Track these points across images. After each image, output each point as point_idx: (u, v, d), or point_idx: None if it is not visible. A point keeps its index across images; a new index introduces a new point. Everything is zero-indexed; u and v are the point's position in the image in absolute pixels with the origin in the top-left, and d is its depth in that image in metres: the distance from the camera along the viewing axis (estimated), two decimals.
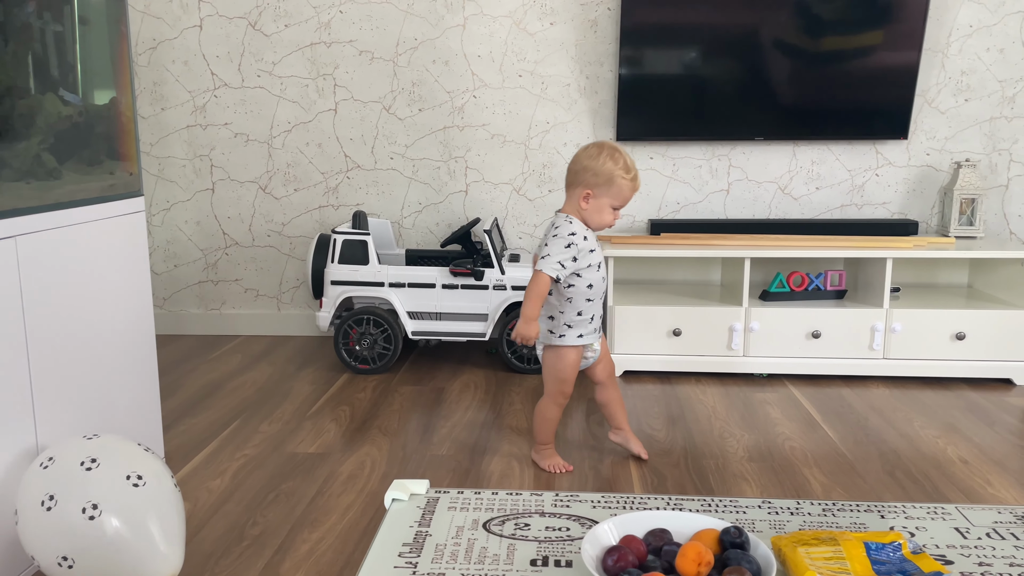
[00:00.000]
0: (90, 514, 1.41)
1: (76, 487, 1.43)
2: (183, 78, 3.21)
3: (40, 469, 1.47)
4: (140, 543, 1.42)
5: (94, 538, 1.40)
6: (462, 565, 1.01)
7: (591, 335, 2.04)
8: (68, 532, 1.41)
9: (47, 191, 1.67)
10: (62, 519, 1.41)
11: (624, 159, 1.95)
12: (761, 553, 0.96)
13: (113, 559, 1.41)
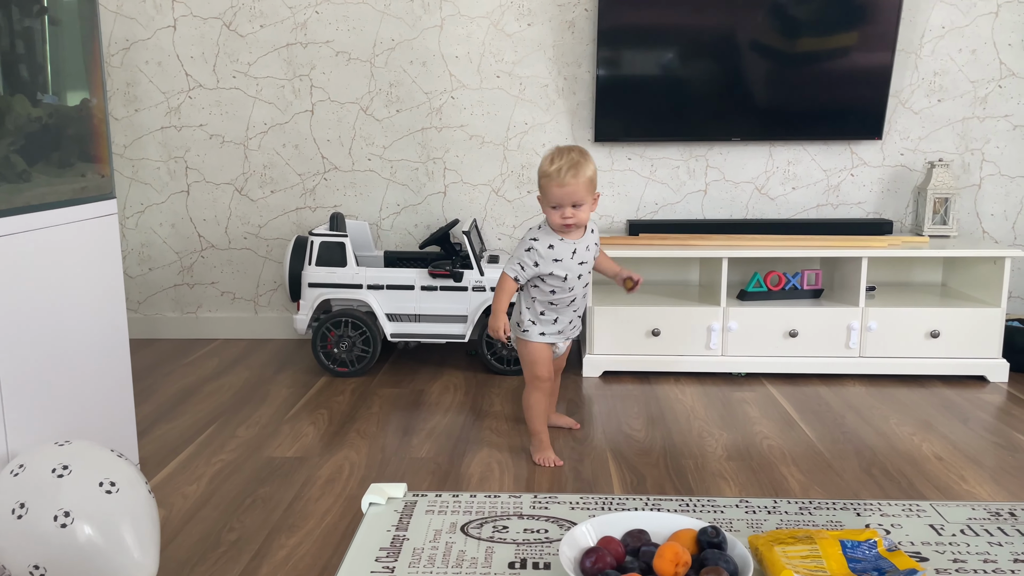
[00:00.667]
0: (62, 522, 1.38)
1: (48, 494, 1.40)
2: (157, 79, 3.18)
3: (10, 476, 1.45)
4: (114, 551, 1.40)
5: (66, 546, 1.38)
6: (439, 569, 1.00)
7: (554, 336, 2.11)
8: (40, 540, 1.38)
9: (16, 193, 1.64)
10: (34, 527, 1.39)
11: (555, 158, 1.94)
12: (738, 553, 0.96)
13: (86, 567, 1.39)
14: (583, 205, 1.96)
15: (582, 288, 2.09)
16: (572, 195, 1.93)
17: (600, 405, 2.56)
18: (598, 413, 2.49)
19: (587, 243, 2.06)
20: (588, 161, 1.96)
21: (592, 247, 2.08)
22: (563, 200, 1.94)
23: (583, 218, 1.98)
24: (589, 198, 1.97)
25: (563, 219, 1.95)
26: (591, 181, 1.96)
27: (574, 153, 1.95)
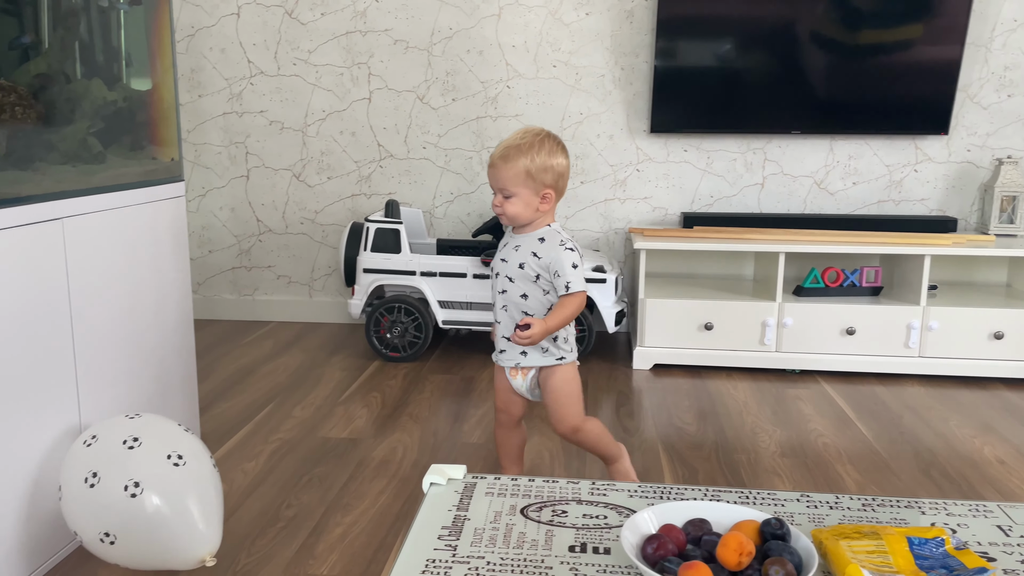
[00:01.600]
0: (132, 492, 1.43)
1: (118, 465, 1.45)
2: (220, 65, 3.25)
3: (83, 447, 1.50)
4: (180, 521, 1.45)
5: (135, 515, 1.43)
6: (501, 549, 1.01)
7: (496, 355, 1.80)
8: (110, 509, 1.43)
9: (92, 174, 1.70)
10: (104, 496, 1.44)
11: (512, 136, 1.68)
12: (802, 545, 0.95)
13: (153, 536, 1.44)
14: (512, 198, 1.65)
15: (499, 295, 1.73)
16: (496, 180, 1.66)
17: (651, 398, 2.55)
18: (648, 406, 2.48)
19: (521, 243, 1.70)
20: (536, 152, 1.63)
21: (527, 254, 1.68)
22: (492, 184, 1.68)
23: (512, 212, 1.66)
24: (523, 191, 1.64)
25: (493, 205, 1.69)
26: (527, 174, 1.63)
27: (527, 139, 1.65)
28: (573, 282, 1.66)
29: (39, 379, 1.49)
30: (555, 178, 1.66)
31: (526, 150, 1.63)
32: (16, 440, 1.44)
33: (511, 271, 1.70)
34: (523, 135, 1.66)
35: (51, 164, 1.60)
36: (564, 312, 1.67)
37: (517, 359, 1.75)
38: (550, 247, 1.67)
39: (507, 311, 1.73)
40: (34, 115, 1.55)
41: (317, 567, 1.56)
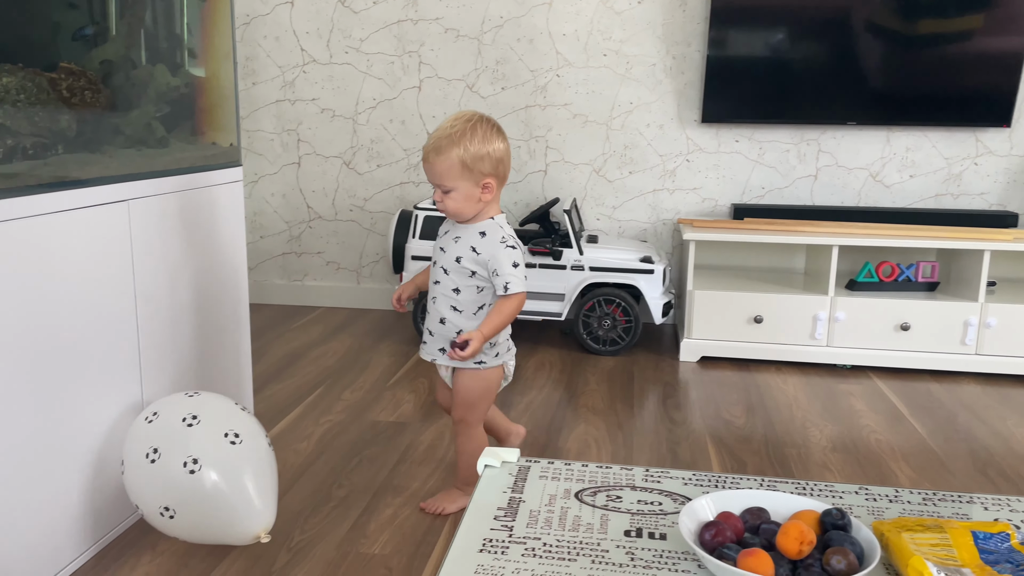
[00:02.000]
0: (190, 468, 1.47)
1: (178, 442, 1.49)
2: (274, 53, 3.29)
3: (145, 423, 1.55)
4: (236, 498, 1.48)
5: (193, 491, 1.47)
6: (556, 531, 1.02)
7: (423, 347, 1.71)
8: (170, 484, 1.48)
9: (156, 158, 1.74)
10: (164, 471, 1.48)
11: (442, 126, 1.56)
12: (864, 536, 0.94)
13: (211, 512, 1.48)
14: (452, 192, 1.55)
15: (433, 285, 1.65)
16: (432, 175, 1.56)
17: (698, 390, 2.53)
18: (696, 398, 2.46)
19: (461, 235, 1.60)
20: (469, 140, 1.53)
21: (465, 247, 1.59)
22: (429, 179, 1.58)
23: (453, 207, 1.57)
24: (462, 184, 1.54)
25: (434, 200, 1.60)
26: (463, 164, 1.53)
27: (458, 126, 1.53)
28: (512, 283, 1.55)
29: (106, 356, 1.54)
30: (493, 165, 1.55)
31: (458, 139, 1.52)
32: (83, 414, 1.49)
33: (447, 263, 1.61)
34: (453, 123, 1.54)
35: (118, 147, 1.64)
36: (501, 316, 1.56)
37: (435, 354, 1.66)
38: (490, 243, 1.57)
39: (436, 303, 1.64)
40: (102, 100, 1.59)
41: (368, 546, 1.59)
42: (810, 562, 0.90)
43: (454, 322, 1.62)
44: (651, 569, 0.95)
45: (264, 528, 1.52)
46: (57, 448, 1.43)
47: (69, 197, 1.42)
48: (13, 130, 1.39)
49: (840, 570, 0.88)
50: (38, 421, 1.38)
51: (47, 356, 1.39)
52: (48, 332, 1.38)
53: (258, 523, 1.51)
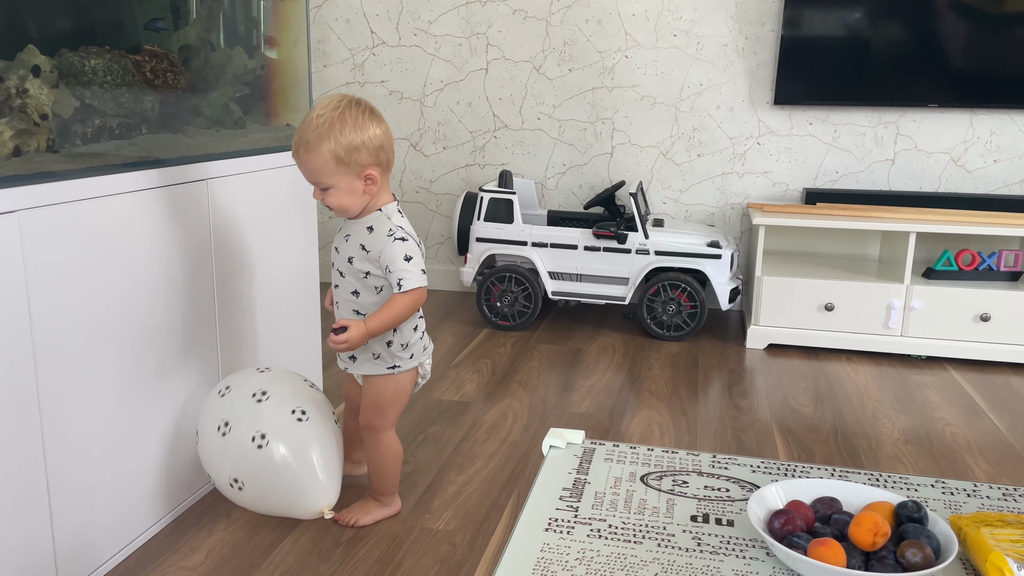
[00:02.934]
0: (259, 443, 1.52)
1: (248, 417, 1.54)
2: (345, 36, 3.34)
3: (218, 397, 1.60)
4: (302, 473, 1.53)
5: (261, 464, 1.52)
6: (622, 513, 1.02)
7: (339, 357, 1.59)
8: (239, 457, 1.53)
9: (233, 139, 1.79)
10: (235, 445, 1.53)
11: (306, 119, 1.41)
12: (940, 529, 0.91)
13: (277, 486, 1.53)
14: (331, 190, 1.43)
15: (333, 288, 1.54)
16: (306, 173, 1.44)
17: (765, 378, 2.49)
18: (762, 386, 2.42)
19: (351, 233, 1.49)
20: (345, 128, 1.38)
21: (355, 247, 1.47)
22: (305, 177, 1.45)
23: (335, 204, 1.44)
24: (340, 179, 1.41)
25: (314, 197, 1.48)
26: (336, 158, 1.39)
27: (325, 116, 1.38)
28: (406, 278, 1.42)
29: (186, 329, 1.60)
30: (373, 154, 1.41)
31: (327, 132, 1.37)
32: (164, 387, 1.55)
33: (341, 265, 1.49)
34: (319, 113, 1.39)
35: (197, 128, 1.70)
36: (391, 312, 1.43)
37: (345, 362, 1.56)
38: (378, 238, 1.44)
39: (339, 308, 1.52)
40: (184, 82, 1.64)
41: (433, 521, 1.62)
42: (884, 554, 0.88)
43: None
44: (718, 555, 0.95)
45: (328, 504, 1.56)
46: (139, 419, 1.49)
47: (152, 176, 1.47)
48: (100, 110, 1.44)
49: (916, 563, 0.86)
50: (122, 393, 1.44)
51: (131, 330, 1.45)
52: (132, 307, 1.44)
53: (322, 499, 1.55)
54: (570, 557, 0.94)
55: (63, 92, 1.35)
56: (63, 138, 1.36)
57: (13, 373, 1.21)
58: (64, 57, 1.37)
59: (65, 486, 1.33)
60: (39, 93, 1.29)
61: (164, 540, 1.55)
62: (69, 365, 1.31)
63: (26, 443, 1.24)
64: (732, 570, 0.92)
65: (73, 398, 1.32)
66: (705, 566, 0.92)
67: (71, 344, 1.31)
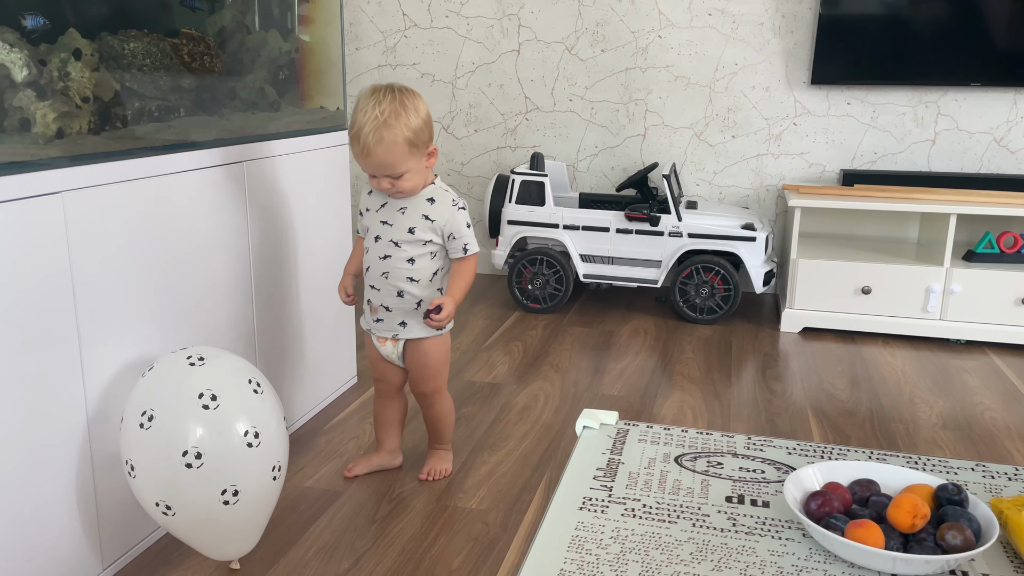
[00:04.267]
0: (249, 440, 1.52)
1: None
2: (377, 18, 3.34)
3: None
4: None
5: None
6: (656, 493, 1.02)
7: (366, 322, 1.65)
8: None
9: (269, 121, 1.80)
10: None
11: (361, 110, 1.45)
12: (981, 512, 0.90)
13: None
14: (406, 174, 1.49)
15: (379, 260, 1.57)
16: (381, 167, 1.47)
17: (799, 361, 2.46)
18: (797, 369, 2.40)
19: (405, 206, 1.54)
20: (407, 113, 1.44)
21: (417, 217, 1.54)
22: (368, 168, 1.49)
23: (409, 187, 1.51)
24: (412, 163, 1.48)
25: (379, 188, 1.52)
26: (410, 143, 1.45)
27: (382, 106, 1.43)
28: (470, 243, 1.55)
29: (223, 309, 1.62)
30: (430, 129, 1.51)
31: (395, 122, 1.43)
32: None
33: (398, 235, 1.54)
34: (375, 105, 1.44)
35: (233, 111, 1.71)
36: (466, 277, 1.56)
37: (395, 330, 1.60)
38: (443, 209, 1.54)
39: (388, 278, 1.56)
40: (220, 65, 1.66)
41: (466, 500, 1.64)
42: (923, 536, 0.87)
43: (413, 293, 1.57)
44: (753, 536, 0.95)
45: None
46: None
47: (189, 158, 1.50)
48: (140, 93, 1.46)
49: (956, 546, 0.85)
50: None
51: (170, 309, 1.47)
52: (171, 286, 1.47)
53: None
54: (604, 535, 0.94)
55: (104, 75, 1.37)
56: (104, 120, 1.38)
57: (58, 349, 1.24)
58: (104, 40, 1.39)
59: (109, 462, 1.36)
60: (80, 76, 1.32)
61: None
62: (111, 342, 1.34)
63: (71, 418, 1.28)
64: (768, 550, 0.91)
65: (115, 374, 1.35)
66: (740, 546, 0.92)
67: (113, 321, 1.34)
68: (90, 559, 1.34)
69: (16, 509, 1.19)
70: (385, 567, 1.42)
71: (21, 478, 1.19)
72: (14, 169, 1.16)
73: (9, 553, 1.19)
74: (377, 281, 1.59)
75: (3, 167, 1.15)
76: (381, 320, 1.61)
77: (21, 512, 1.20)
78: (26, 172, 1.17)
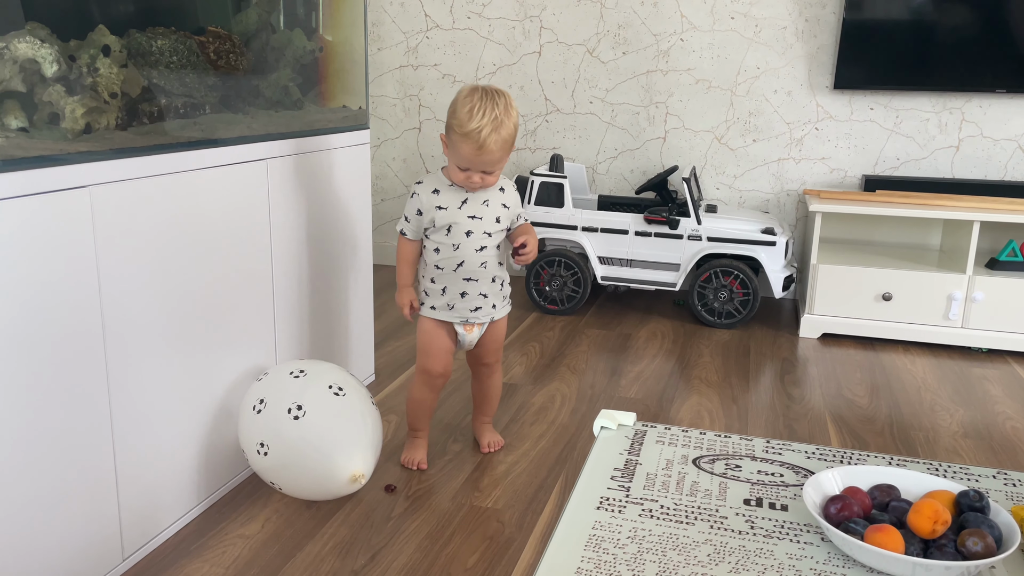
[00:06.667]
0: (295, 414, 1.52)
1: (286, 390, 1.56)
2: (399, 19, 3.36)
3: (292, 377, 1.64)
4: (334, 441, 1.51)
5: (296, 433, 1.51)
6: (674, 495, 1.02)
7: (446, 313, 1.70)
8: (271, 427, 1.54)
9: (292, 119, 1.82)
10: (269, 416, 1.55)
11: (475, 110, 1.53)
12: (1003, 520, 0.89)
13: (308, 454, 1.52)
14: (496, 169, 1.61)
15: (475, 253, 1.65)
16: (488, 162, 1.57)
17: (818, 367, 2.45)
18: (816, 375, 2.38)
19: (487, 198, 1.66)
20: (512, 114, 1.57)
21: (498, 207, 1.66)
22: (475, 165, 1.58)
23: (494, 180, 1.63)
24: (506, 158, 1.61)
25: (468, 182, 1.61)
26: (510, 141, 1.58)
27: (499, 107, 1.55)
28: (524, 212, 1.76)
29: (244, 304, 1.64)
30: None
31: (508, 120, 1.56)
32: (223, 360, 1.59)
33: (489, 227, 1.66)
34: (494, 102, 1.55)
35: (258, 109, 1.73)
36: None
37: (491, 313, 1.74)
38: (511, 194, 1.71)
39: (486, 268, 1.67)
40: (245, 63, 1.67)
41: (482, 499, 1.64)
42: (943, 542, 0.87)
43: (500, 276, 1.73)
44: (772, 539, 0.94)
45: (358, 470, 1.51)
46: (201, 391, 1.54)
47: (214, 154, 1.51)
48: (167, 90, 1.48)
49: (976, 552, 0.84)
50: (185, 365, 1.49)
51: (193, 304, 1.49)
52: (194, 281, 1.48)
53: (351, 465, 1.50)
54: (621, 535, 0.94)
55: (131, 71, 1.39)
56: (131, 116, 1.40)
57: (83, 343, 1.25)
58: (132, 37, 1.41)
59: (130, 454, 1.38)
60: (109, 72, 1.33)
61: (222, 509, 1.59)
62: (135, 336, 1.36)
63: (94, 411, 1.29)
64: (786, 554, 0.91)
65: (139, 369, 1.37)
66: (758, 549, 0.92)
67: (138, 315, 1.36)
68: (110, 550, 1.36)
69: (38, 500, 1.21)
70: (400, 564, 1.42)
71: (43, 468, 1.21)
72: (43, 163, 1.17)
73: (30, 543, 1.21)
74: (475, 273, 1.68)
75: (32, 160, 1.17)
76: (479, 308, 1.71)
77: (42, 503, 1.22)
78: (55, 166, 1.19)
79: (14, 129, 1.21)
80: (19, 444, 1.17)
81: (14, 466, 1.16)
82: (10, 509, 1.16)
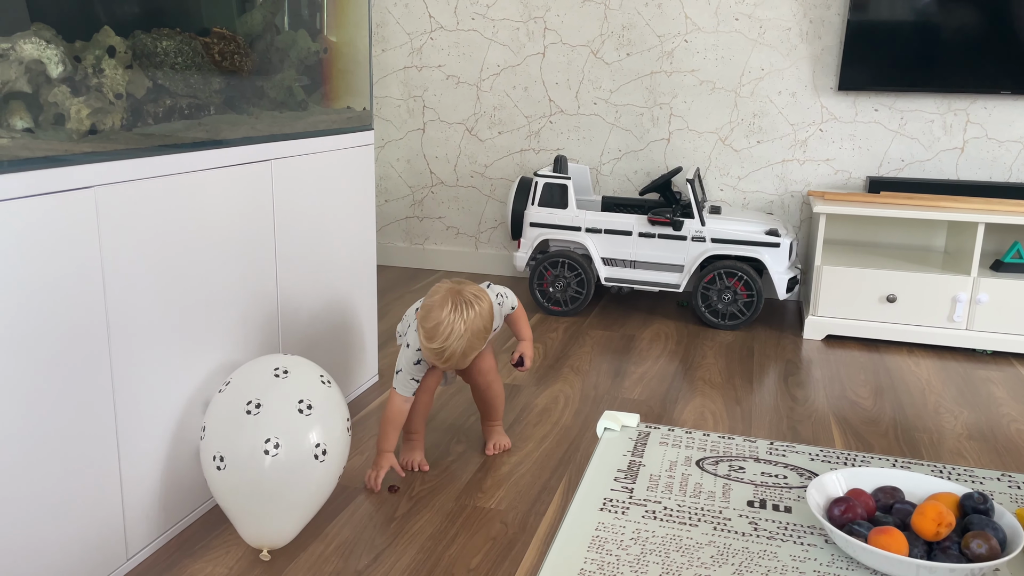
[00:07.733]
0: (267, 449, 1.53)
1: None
2: (403, 20, 3.36)
3: None
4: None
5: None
6: (677, 496, 1.02)
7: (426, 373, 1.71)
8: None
9: (296, 120, 1.82)
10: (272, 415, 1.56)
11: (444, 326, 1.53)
12: (1007, 522, 0.89)
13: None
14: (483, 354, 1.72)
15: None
16: (455, 367, 1.63)
17: (822, 369, 2.45)
18: (820, 377, 2.38)
19: None
20: (482, 321, 1.56)
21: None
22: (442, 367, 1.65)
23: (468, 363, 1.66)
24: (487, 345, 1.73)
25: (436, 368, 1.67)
26: (487, 339, 1.62)
27: (467, 318, 1.54)
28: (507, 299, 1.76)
29: (248, 306, 1.64)
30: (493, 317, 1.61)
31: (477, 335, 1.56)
32: (226, 360, 1.60)
33: None
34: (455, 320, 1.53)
35: (262, 109, 1.73)
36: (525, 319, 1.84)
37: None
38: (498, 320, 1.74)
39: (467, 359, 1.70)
40: (249, 64, 1.68)
41: (485, 500, 1.64)
42: (947, 544, 0.86)
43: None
44: (775, 540, 0.94)
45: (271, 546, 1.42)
46: (204, 391, 1.54)
47: (219, 155, 1.51)
48: (171, 91, 1.49)
49: (981, 554, 0.84)
50: (188, 365, 1.49)
51: (197, 304, 1.49)
52: (198, 281, 1.49)
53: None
54: (625, 536, 0.94)
55: (136, 72, 1.40)
56: (136, 117, 1.40)
57: (88, 343, 1.26)
58: (137, 38, 1.41)
59: (134, 453, 1.38)
60: (114, 73, 1.34)
61: None
62: (140, 336, 1.36)
63: (99, 411, 1.30)
64: (789, 555, 0.91)
65: (143, 368, 1.37)
66: (762, 550, 0.92)
67: (142, 315, 1.36)
68: (114, 549, 1.36)
69: (42, 499, 1.21)
70: (403, 565, 1.42)
71: (47, 468, 1.22)
72: (48, 163, 1.18)
73: (35, 543, 1.21)
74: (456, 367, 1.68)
75: (37, 161, 1.17)
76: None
77: (47, 502, 1.22)
78: (60, 167, 1.19)
79: (19, 130, 1.21)
80: (24, 443, 1.17)
81: (19, 465, 1.17)
82: (15, 508, 1.17)
